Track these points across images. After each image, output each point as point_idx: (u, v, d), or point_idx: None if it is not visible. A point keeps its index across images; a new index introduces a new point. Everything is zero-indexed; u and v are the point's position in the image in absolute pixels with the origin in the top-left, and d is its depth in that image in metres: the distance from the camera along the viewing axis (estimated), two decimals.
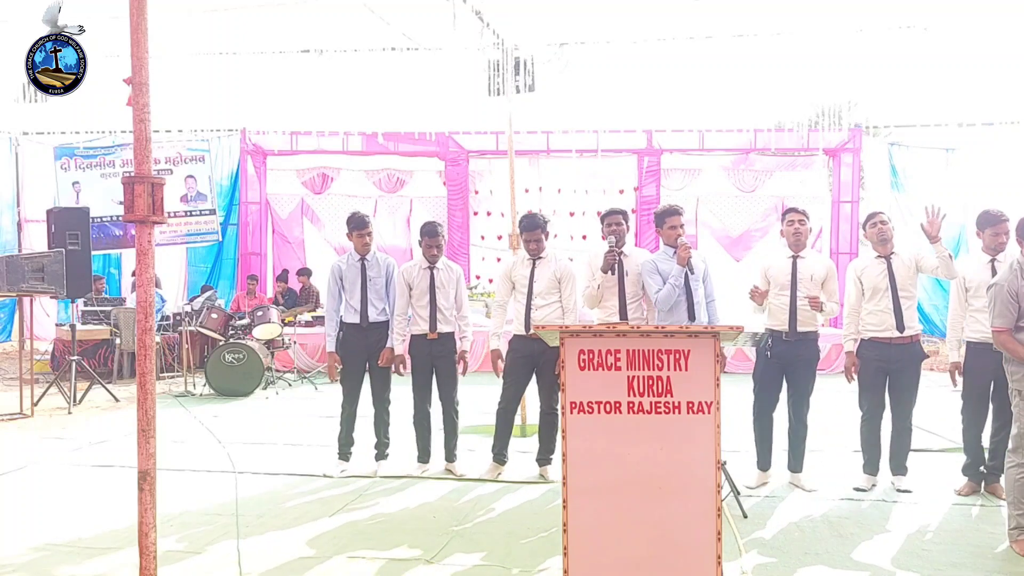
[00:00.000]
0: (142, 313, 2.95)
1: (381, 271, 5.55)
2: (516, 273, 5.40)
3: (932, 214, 4.77)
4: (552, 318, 5.22)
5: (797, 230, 5.05)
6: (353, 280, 5.51)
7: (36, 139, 13.15)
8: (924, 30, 9.36)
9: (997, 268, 4.83)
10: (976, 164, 11.50)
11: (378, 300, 5.52)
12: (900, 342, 4.92)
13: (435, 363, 5.47)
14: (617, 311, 5.13)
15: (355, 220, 5.57)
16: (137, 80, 2.90)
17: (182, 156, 12.19)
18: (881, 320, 4.96)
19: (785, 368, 5.08)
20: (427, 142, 12.27)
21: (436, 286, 5.45)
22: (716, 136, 11.99)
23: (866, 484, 5.03)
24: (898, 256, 5.00)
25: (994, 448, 4.85)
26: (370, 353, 5.50)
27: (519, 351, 5.30)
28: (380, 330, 5.51)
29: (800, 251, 5.09)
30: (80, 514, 4.60)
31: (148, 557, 2.92)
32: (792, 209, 5.15)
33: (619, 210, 5.25)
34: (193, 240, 12.38)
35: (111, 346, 10.51)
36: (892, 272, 4.96)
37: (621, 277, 5.13)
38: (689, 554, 3.10)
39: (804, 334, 5.03)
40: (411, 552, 3.97)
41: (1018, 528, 3.96)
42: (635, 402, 3.16)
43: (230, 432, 6.93)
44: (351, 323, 5.51)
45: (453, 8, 7.68)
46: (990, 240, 4.86)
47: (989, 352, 4.78)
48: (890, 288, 4.94)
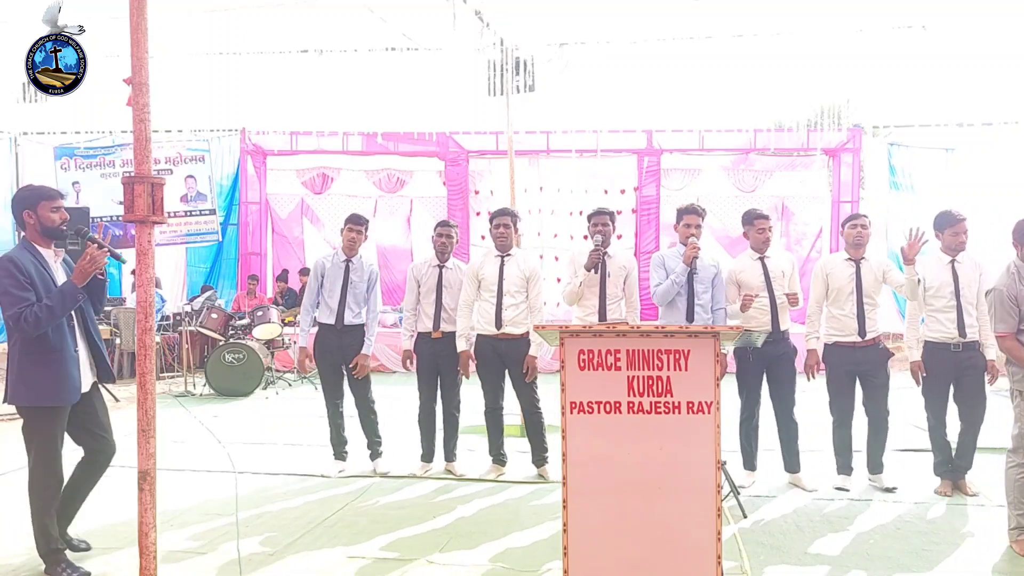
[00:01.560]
0: (142, 313, 2.95)
1: (364, 276, 5.53)
2: (484, 271, 5.32)
3: (914, 237, 4.79)
4: (520, 317, 5.23)
5: (767, 238, 5.15)
6: (334, 280, 5.49)
7: (36, 139, 13.14)
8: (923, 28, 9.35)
9: (957, 268, 4.88)
10: (976, 164, 11.50)
11: (355, 304, 5.50)
12: (864, 345, 4.99)
13: (439, 362, 5.47)
14: (596, 310, 5.14)
15: (352, 216, 5.63)
16: (137, 80, 2.90)
17: (182, 156, 12.18)
18: (844, 325, 5.02)
19: (767, 368, 5.11)
20: (427, 142, 12.26)
21: (443, 285, 5.46)
22: (716, 136, 11.98)
23: (846, 484, 5.07)
24: (867, 262, 5.05)
25: (960, 447, 4.93)
26: (344, 355, 5.49)
27: (487, 351, 5.29)
28: (354, 333, 5.50)
29: (765, 252, 5.16)
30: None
31: (148, 557, 2.92)
32: (760, 216, 5.19)
33: (606, 210, 5.24)
34: (193, 240, 12.37)
35: (111, 346, 10.50)
36: (860, 277, 5.00)
37: (603, 277, 5.13)
38: (689, 554, 3.10)
39: (783, 332, 5.09)
40: (411, 552, 3.98)
41: (1018, 528, 3.97)
42: (635, 402, 3.16)
43: (230, 432, 6.92)
44: (325, 323, 5.51)
45: (453, 8, 7.67)
46: (950, 240, 4.91)
47: (947, 352, 4.85)
48: (855, 292, 4.99)
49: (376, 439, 5.59)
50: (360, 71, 11.24)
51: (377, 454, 5.59)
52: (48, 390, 3.57)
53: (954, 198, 10.35)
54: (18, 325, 3.44)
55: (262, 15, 9.14)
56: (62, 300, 3.52)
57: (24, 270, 3.50)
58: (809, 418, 5.23)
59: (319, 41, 10.55)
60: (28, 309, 3.43)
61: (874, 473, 5.11)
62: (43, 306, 3.46)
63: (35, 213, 3.63)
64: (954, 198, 10.35)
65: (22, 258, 3.55)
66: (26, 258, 3.56)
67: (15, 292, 3.45)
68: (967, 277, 4.87)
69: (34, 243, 3.66)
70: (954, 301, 4.83)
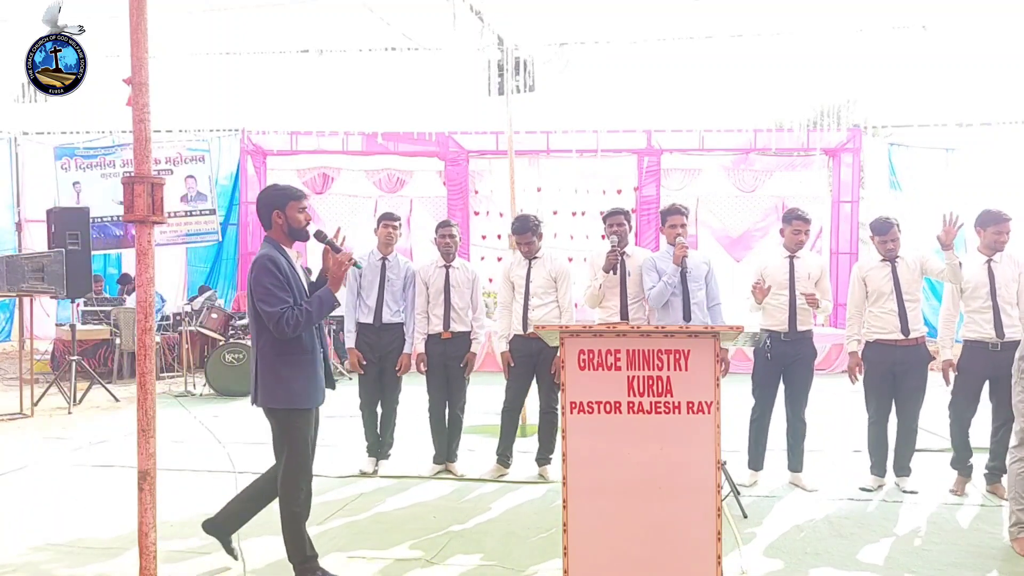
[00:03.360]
0: (142, 313, 2.95)
1: (400, 273, 5.54)
2: (513, 274, 5.41)
3: (949, 223, 4.76)
4: (550, 318, 5.23)
5: (801, 240, 5.13)
6: (372, 279, 5.50)
7: (36, 139, 13.14)
8: (923, 28, 9.35)
9: (993, 268, 4.85)
10: (976, 164, 11.50)
11: (393, 302, 5.50)
12: (905, 344, 4.93)
13: (447, 363, 5.46)
14: (619, 311, 5.13)
15: (386, 214, 5.67)
16: (137, 80, 2.90)
17: (182, 156, 12.19)
18: (886, 323, 4.97)
19: (784, 368, 5.09)
20: (427, 142, 12.27)
21: (451, 285, 5.46)
22: (716, 136, 11.99)
23: (873, 484, 5.04)
24: (903, 260, 5.02)
25: (995, 448, 4.84)
26: (382, 354, 5.49)
27: (518, 351, 5.31)
28: (393, 331, 5.50)
29: (797, 252, 5.14)
30: (80, 514, 4.60)
31: (148, 557, 2.92)
32: (799, 218, 5.14)
33: (621, 210, 5.25)
34: (193, 240, 12.38)
35: (111, 346, 10.50)
36: (896, 276, 4.98)
37: (623, 277, 5.13)
38: (689, 554, 3.10)
39: (802, 333, 5.06)
40: (411, 552, 3.98)
41: (1018, 525, 3.94)
42: (635, 402, 3.16)
43: (230, 432, 6.92)
44: (364, 323, 5.50)
45: (453, 8, 7.67)
46: (991, 238, 4.86)
47: (985, 351, 4.81)
48: (895, 292, 4.96)
49: (389, 440, 5.61)
50: (360, 71, 11.25)
51: (385, 456, 5.60)
52: (303, 392, 3.50)
53: (954, 198, 10.35)
54: (277, 326, 3.37)
55: (262, 15, 9.14)
56: (320, 306, 3.47)
57: (283, 270, 3.46)
58: (809, 418, 5.22)
59: (319, 41, 10.56)
60: (289, 311, 3.38)
61: (900, 476, 5.07)
62: (303, 310, 3.41)
63: (284, 213, 3.56)
64: (954, 198, 10.35)
65: (279, 258, 3.50)
66: (281, 259, 3.51)
67: (277, 292, 3.39)
68: (1004, 277, 4.84)
69: (280, 243, 3.60)
70: (990, 301, 4.80)
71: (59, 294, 8.10)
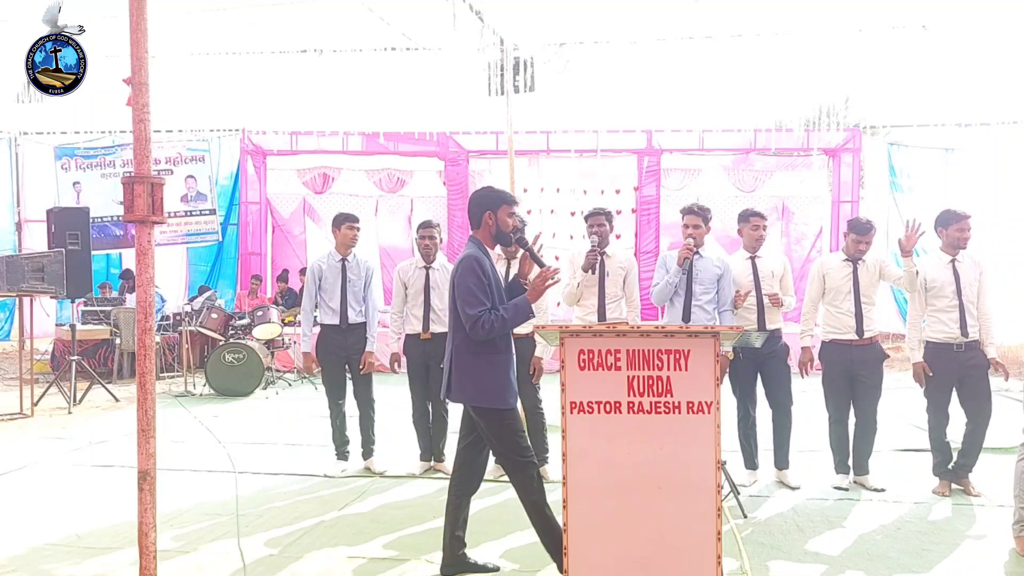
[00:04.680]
0: (142, 313, 2.95)
1: (360, 273, 5.57)
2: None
3: (911, 229, 4.83)
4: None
5: (760, 236, 5.19)
6: (333, 281, 5.51)
7: (36, 139, 13.14)
8: (923, 28, 9.34)
9: (957, 267, 4.88)
10: (975, 164, 11.50)
11: (356, 302, 5.53)
12: (861, 344, 4.99)
13: (428, 363, 5.45)
14: (596, 310, 5.14)
15: (343, 215, 5.71)
16: (137, 80, 2.90)
17: (182, 156, 12.19)
18: (841, 323, 5.03)
19: (759, 366, 5.13)
20: (427, 142, 12.26)
21: (431, 286, 5.46)
22: (716, 136, 11.98)
23: (843, 483, 5.07)
24: (863, 263, 5.06)
25: (966, 446, 4.89)
26: (349, 354, 5.51)
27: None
28: (359, 331, 5.53)
29: (757, 251, 5.19)
30: (80, 514, 4.60)
31: (148, 557, 2.92)
32: (756, 214, 5.23)
33: (603, 210, 5.22)
34: (193, 240, 12.38)
35: (111, 346, 10.51)
36: (857, 277, 5.02)
37: (602, 277, 5.14)
38: (689, 554, 3.10)
39: (772, 331, 5.10)
40: (411, 552, 3.98)
41: (1020, 523, 3.93)
42: (635, 402, 3.16)
43: (230, 432, 6.93)
44: (330, 324, 5.52)
45: (453, 8, 7.67)
46: (954, 236, 4.89)
47: (950, 352, 4.84)
48: (853, 292, 5.01)
49: (371, 437, 5.61)
50: (360, 71, 11.22)
51: (369, 453, 5.61)
52: (500, 393, 3.50)
53: (954, 198, 10.36)
54: (473, 328, 3.40)
55: (262, 15, 9.13)
56: (515, 314, 3.48)
57: (486, 273, 3.47)
58: (805, 418, 5.22)
59: (319, 41, 10.54)
60: (486, 315, 3.39)
61: (859, 475, 5.10)
62: (499, 316, 3.43)
63: (495, 215, 3.58)
64: (954, 198, 10.36)
65: (484, 260, 3.51)
66: (485, 261, 3.52)
67: (478, 294, 3.42)
68: (968, 276, 4.87)
69: (484, 243, 3.61)
70: (956, 300, 4.83)
71: (59, 294, 8.11)
